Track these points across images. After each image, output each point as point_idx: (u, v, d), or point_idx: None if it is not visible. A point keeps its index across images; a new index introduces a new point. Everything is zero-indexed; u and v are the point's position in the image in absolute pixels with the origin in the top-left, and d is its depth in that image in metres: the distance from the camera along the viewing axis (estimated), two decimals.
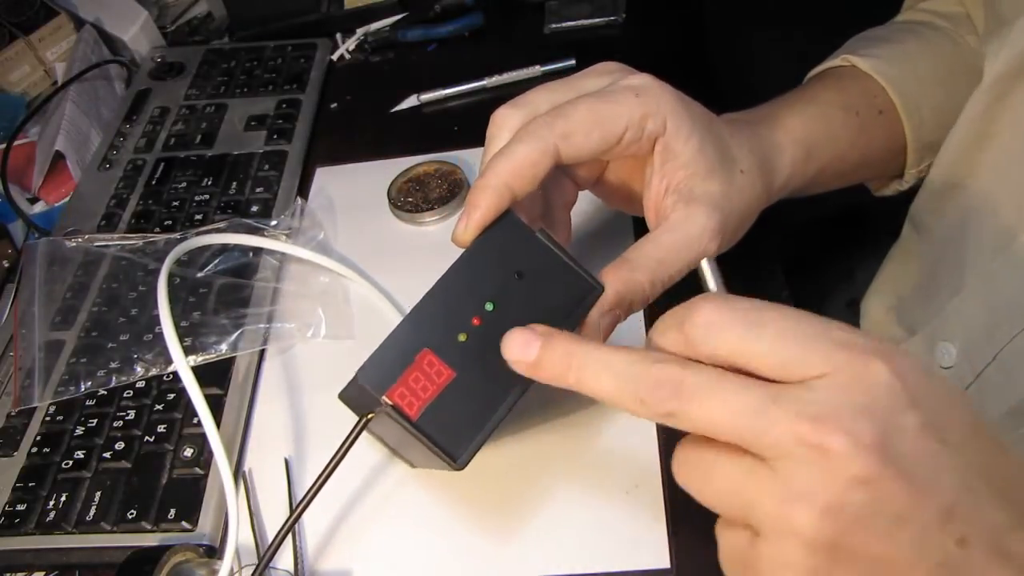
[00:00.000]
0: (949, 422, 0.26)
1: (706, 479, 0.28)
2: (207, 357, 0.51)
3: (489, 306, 0.35)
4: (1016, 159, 0.47)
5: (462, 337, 0.35)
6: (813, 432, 0.25)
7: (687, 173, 0.39)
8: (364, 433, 0.37)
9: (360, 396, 0.35)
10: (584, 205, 0.45)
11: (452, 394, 0.35)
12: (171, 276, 0.54)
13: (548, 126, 0.36)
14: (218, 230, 0.57)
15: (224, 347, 0.51)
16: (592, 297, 0.37)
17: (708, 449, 0.28)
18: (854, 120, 0.49)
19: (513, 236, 0.37)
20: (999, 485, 0.26)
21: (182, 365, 0.44)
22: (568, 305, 0.37)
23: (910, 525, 0.25)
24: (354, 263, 0.58)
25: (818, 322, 0.27)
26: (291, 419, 0.50)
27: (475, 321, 0.35)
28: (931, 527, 0.25)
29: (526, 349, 0.31)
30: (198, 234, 0.56)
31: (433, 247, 0.58)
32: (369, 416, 0.35)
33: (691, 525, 0.30)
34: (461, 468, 0.34)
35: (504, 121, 0.39)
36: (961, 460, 0.26)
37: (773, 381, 0.27)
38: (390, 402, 0.34)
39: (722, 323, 0.28)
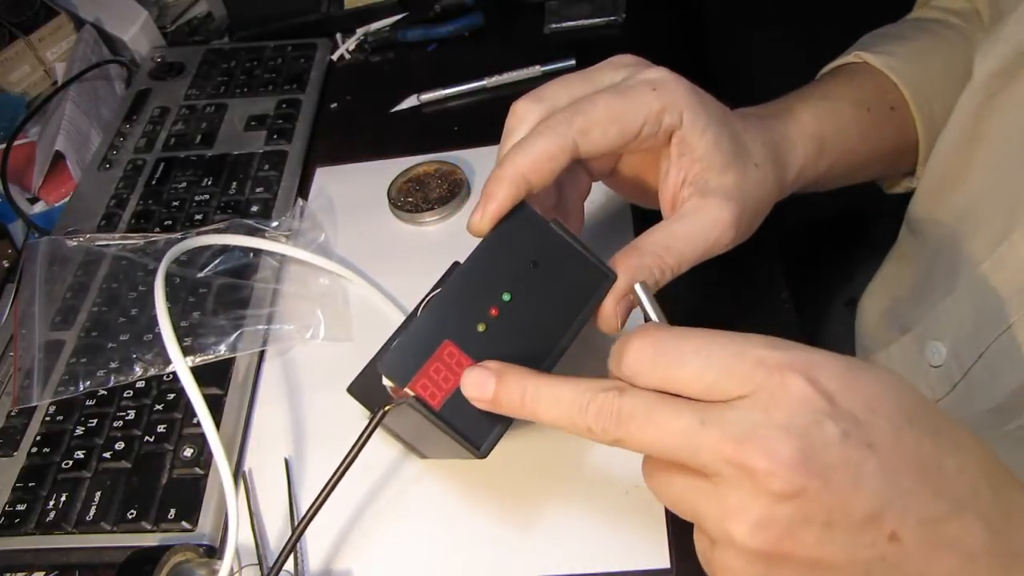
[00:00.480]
0: (874, 424, 0.27)
1: (664, 490, 0.30)
2: (206, 358, 0.51)
3: (506, 296, 0.36)
4: (1008, 159, 0.47)
5: (481, 327, 0.35)
6: (737, 453, 0.27)
7: (703, 167, 0.39)
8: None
9: (375, 389, 0.35)
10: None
11: None
12: (171, 276, 0.54)
13: (567, 122, 0.37)
14: (218, 231, 0.57)
15: (223, 348, 0.51)
16: (606, 285, 0.38)
17: (663, 463, 0.30)
18: (866, 116, 0.50)
19: (528, 227, 0.37)
20: (933, 477, 0.27)
21: (180, 365, 0.44)
22: (582, 293, 0.37)
23: (839, 530, 0.27)
24: (354, 263, 0.58)
25: (737, 343, 0.29)
26: (291, 419, 0.50)
27: (493, 311, 0.36)
28: (860, 529, 0.27)
29: (483, 387, 0.33)
30: (198, 234, 0.55)
31: (433, 247, 0.58)
32: (387, 408, 0.36)
33: (691, 525, 0.30)
34: (484, 456, 0.35)
35: (524, 114, 0.39)
36: (888, 460, 0.27)
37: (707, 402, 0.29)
38: (412, 393, 0.34)
39: (650, 357, 0.30)
